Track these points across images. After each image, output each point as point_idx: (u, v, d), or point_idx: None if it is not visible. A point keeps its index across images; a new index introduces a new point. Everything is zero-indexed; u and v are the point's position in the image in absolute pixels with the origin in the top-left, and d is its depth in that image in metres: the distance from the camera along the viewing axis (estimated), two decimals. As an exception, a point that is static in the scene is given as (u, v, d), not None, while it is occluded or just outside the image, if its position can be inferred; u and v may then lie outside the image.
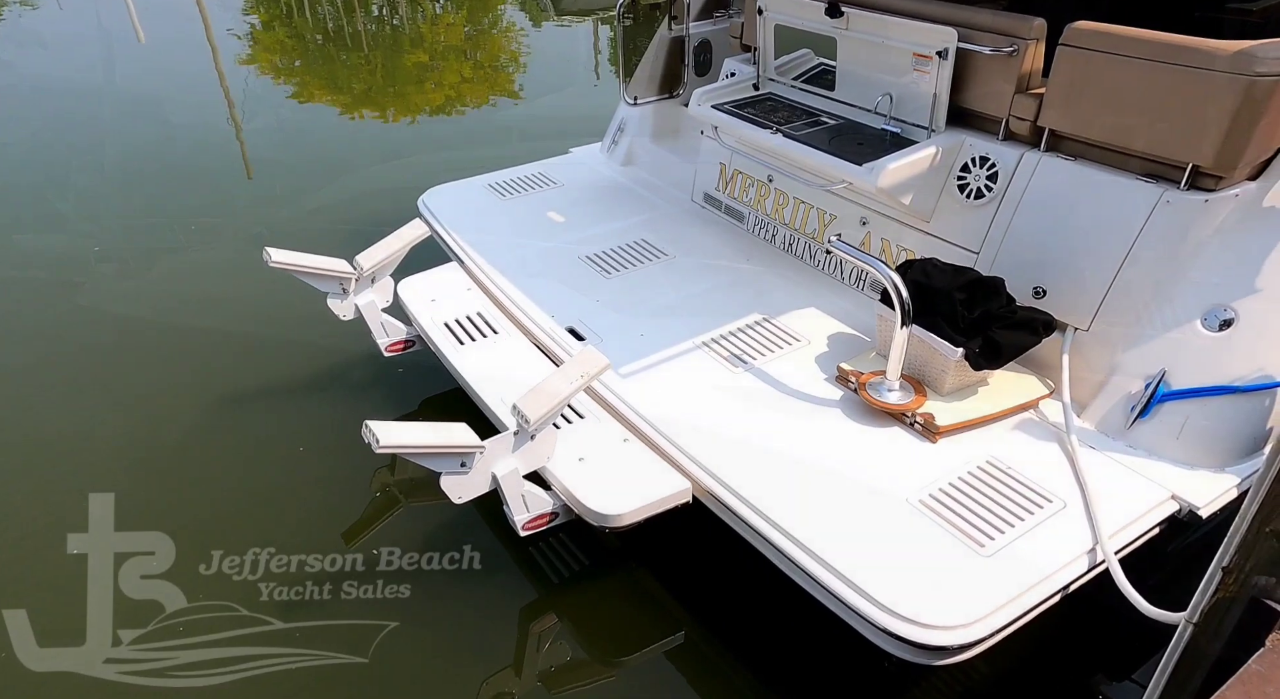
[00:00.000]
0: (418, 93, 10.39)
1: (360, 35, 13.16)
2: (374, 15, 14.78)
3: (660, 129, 4.38)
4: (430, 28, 14.08)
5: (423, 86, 10.76)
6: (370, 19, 14.40)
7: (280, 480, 3.27)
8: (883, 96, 3.12)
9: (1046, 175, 2.73)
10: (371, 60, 11.86)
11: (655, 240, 3.72)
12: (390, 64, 11.69)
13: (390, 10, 14.96)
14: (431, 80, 11.12)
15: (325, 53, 12.00)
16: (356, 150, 7.16)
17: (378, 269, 3.15)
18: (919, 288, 2.61)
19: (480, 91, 10.44)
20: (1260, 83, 2.17)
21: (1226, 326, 2.33)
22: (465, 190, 4.17)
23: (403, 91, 10.52)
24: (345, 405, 3.57)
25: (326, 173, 6.40)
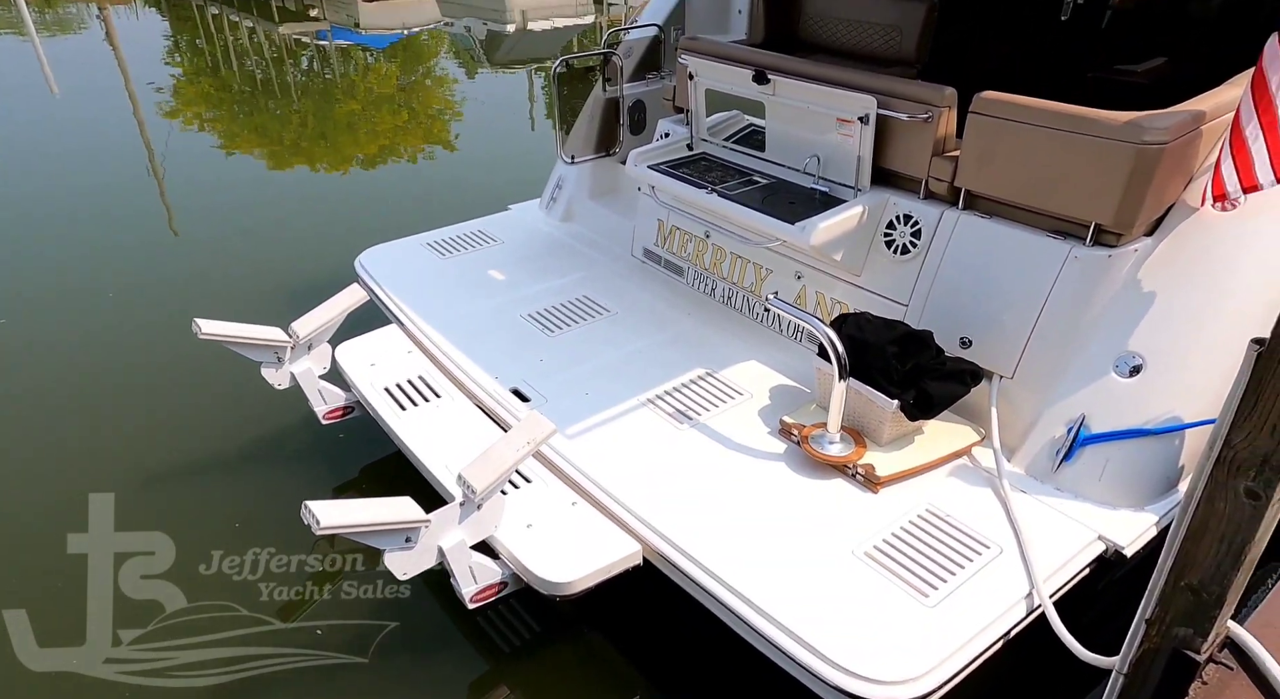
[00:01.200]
0: (350, 142, 10.31)
1: (290, 86, 13.04)
2: (304, 67, 14.68)
3: (598, 186, 4.46)
4: (362, 78, 14.05)
5: (356, 135, 10.69)
6: (300, 70, 14.30)
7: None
8: (811, 158, 3.27)
9: (965, 232, 2.89)
10: (302, 110, 11.73)
11: (597, 297, 3.76)
12: (321, 114, 11.58)
13: (321, 61, 14.89)
14: (364, 129, 11.06)
15: (254, 103, 11.82)
16: (288, 204, 7.02)
17: (314, 336, 3.09)
18: (854, 342, 2.71)
19: (415, 140, 10.43)
20: (1148, 150, 2.37)
21: (1136, 373, 2.49)
22: (403, 250, 4.15)
23: (335, 141, 10.41)
24: (281, 477, 3.45)
25: (257, 229, 6.25)
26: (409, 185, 7.91)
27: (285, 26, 16.90)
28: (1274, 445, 1.17)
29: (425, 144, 10.27)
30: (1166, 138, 2.35)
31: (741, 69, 3.27)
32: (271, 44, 15.60)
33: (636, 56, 4.36)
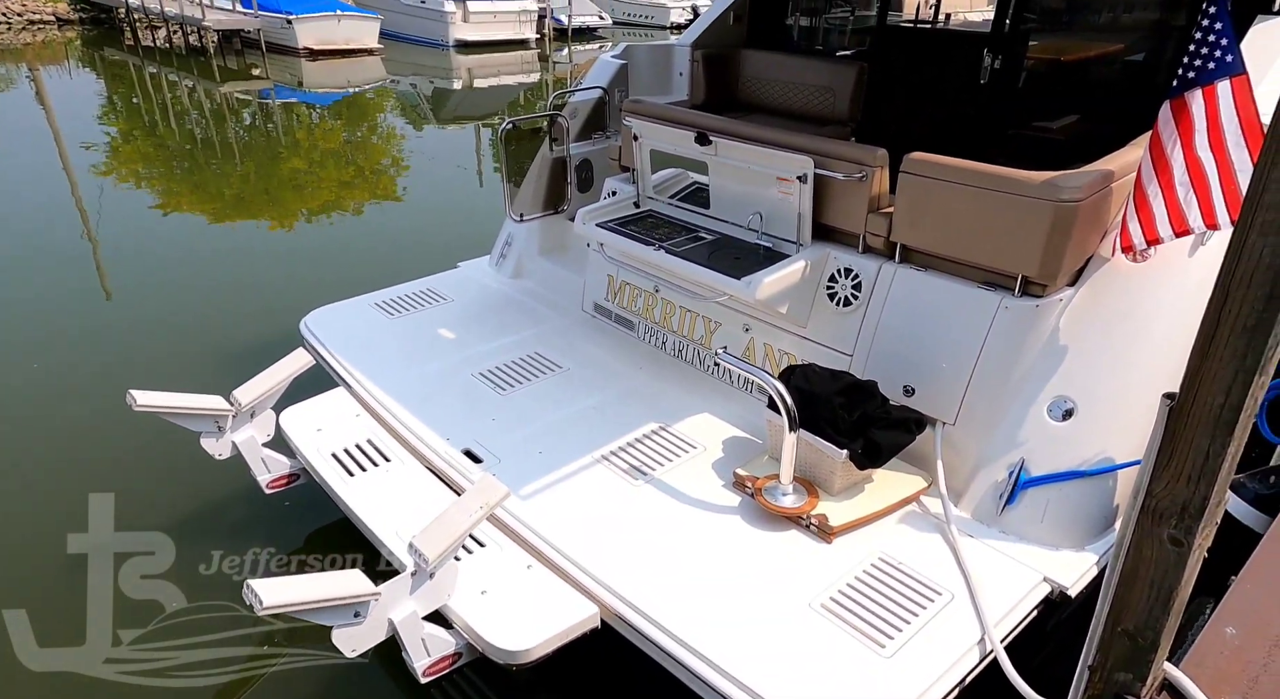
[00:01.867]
0: (295, 198, 10.21)
1: (232, 144, 12.89)
2: (246, 123, 14.56)
3: (547, 243, 4.51)
4: (307, 134, 14.00)
5: (300, 192, 10.59)
6: (242, 127, 14.17)
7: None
8: (754, 214, 3.38)
9: (903, 284, 3.01)
10: (244, 168, 11.60)
11: (548, 353, 3.77)
12: (265, 171, 11.46)
13: (264, 118, 14.80)
14: (309, 185, 10.98)
15: (193, 161, 11.64)
16: (230, 264, 6.88)
17: (258, 403, 3.01)
18: (802, 394, 2.77)
19: (361, 195, 10.38)
20: (1064, 207, 2.53)
21: (1069, 416, 2.61)
22: (350, 311, 4.10)
23: (278, 197, 10.29)
24: (223, 549, 3.31)
25: (196, 291, 6.09)
26: (356, 243, 7.84)
27: (227, 85, 16.79)
28: (1190, 493, 1.24)
29: (372, 199, 10.23)
30: (1080, 195, 2.51)
31: (684, 131, 3.39)
32: (212, 102, 15.47)
33: (582, 117, 4.48)
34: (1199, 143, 2.24)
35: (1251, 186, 1.01)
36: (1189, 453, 1.21)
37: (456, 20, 20.92)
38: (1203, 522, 1.26)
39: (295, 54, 18.62)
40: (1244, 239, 1.05)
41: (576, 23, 24.19)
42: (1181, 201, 2.33)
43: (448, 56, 20.78)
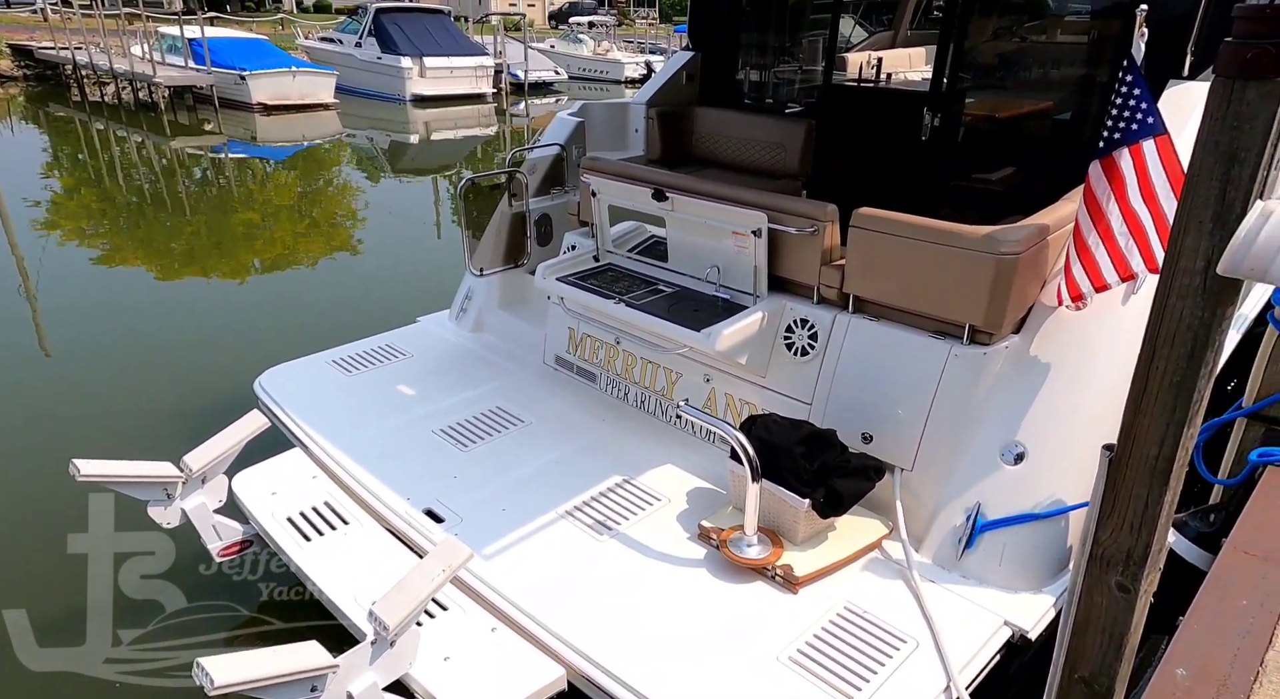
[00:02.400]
0: (247, 251, 10.06)
1: (182, 197, 12.72)
2: (197, 177, 14.40)
3: (508, 296, 4.53)
4: (261, 187, 13.90)
5: (253, 245, 10.45)
6: (193, 180, 14.01)
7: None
8: (711, 267, 3.46)
9: (857, 334, 3.10)
10: (195, 221, 11.43)
11: (510, 407, 3.75)
12: (217, 224, 11.30)
13: (216, 172, 14.66)
14: (262, 238, 10.85)
15: (142, 215, 11.43)
16: (180, 322, 6.72)
17: (209, 468, 2.92)
18: (763, 444, 2.81)
19: (316, 248, 10.29)
20: (1005, 259, 2.66)
21: (1021, 460, 2.69)
22: (306, 369, 4.03)
23: (230, 251, 10.13)
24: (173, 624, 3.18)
25: (143, 349, 5.92)
26: (312, 298, 7.75)
27: (178, 140, 16.65)
28: (1134, 541, 1.30)
29: (328, 252, 10.15)
30: (1020, 248, 2.64)
31: (642, 188, 3.47)
32: (162, 156, 15.29)
33: (541, 173, 4.56)
34: (1132, 196, 2.39)
35: (1168, 253, 1.09)
36: (1130, 502, 1.27)
37: (413, 76, 21.18)
38: (1147, 568, 1.31)
39: (249, 109, 18.59)
40: (1165, 302, 1.12)
41: (533, 77, 24.71)
42: (1123, 249, 2.47)
43: (404, 110, 20.97)
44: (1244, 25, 1.01)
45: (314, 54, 23.17)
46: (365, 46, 21.75)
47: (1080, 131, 3.99)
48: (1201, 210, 1.11)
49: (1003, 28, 4.21)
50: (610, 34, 33.11)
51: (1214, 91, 1.11)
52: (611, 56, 29.24)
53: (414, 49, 21.26)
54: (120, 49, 19.21)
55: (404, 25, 21.70)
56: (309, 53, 23.39)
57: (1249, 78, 1.03)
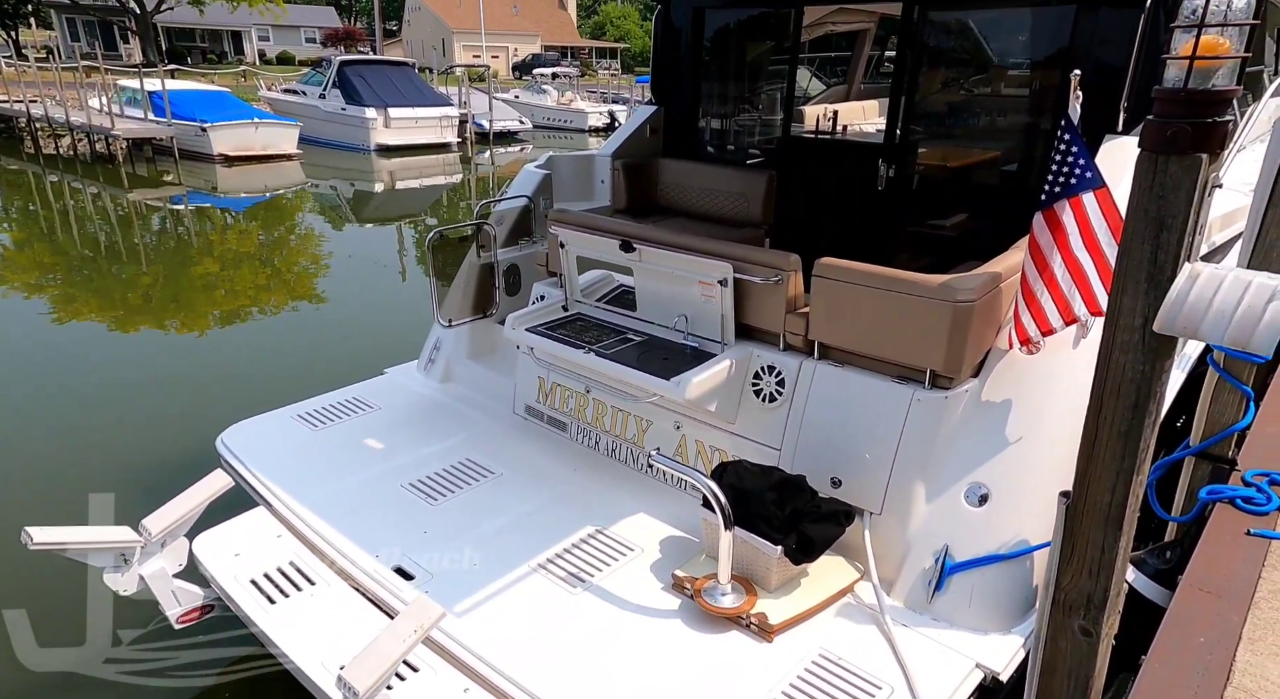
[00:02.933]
0: (206, 302, 9.90)
1: (139, 249, 12.52)
2: (155, 228, 14.21)
3: (476, 346, 4.53)
4: (221, 237, 13.76)
5: (212, 295, 10.30)
6: (150, 232, 13.82)
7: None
8: (679, 316, 3.52)
9: (823, 380, 3.17)
10: (151, 272, 11.24)
11: (481, 459, 3.72)
12: (174, 275, 11.13)
13: (175, 222, 14.50)
14: (222, 288, 10.70)
15: (95, 268, 11.22)
16: (136, 375, 6.56)
17: (170, 532, 2.84)
18: (735, 491, 2.83)
19: (279, 297, 10.17)
20: (961, 306, 2.76)
21: (985, 501, 2.75)
22: (271, 424, 3.96)
23: (188, 302, 9.96)
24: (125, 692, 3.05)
25: (96, 406, 5.75)
26: (276, 350, 7.64)
27: (136, 192, 16.45)
28: (1094, 585, 1.35)
29: (290, 301, 10.03)
30: (974, 296, 2.75)
31: (609, 239, 3.54)
32: (119, 208, 15.08)
33: (508, 224, 4.62)
34: (1074, 245, 2.52)
35: (1109, 312, 1.17)
36: (1087, 547, 1.32)
37: (378, 126, 21.32)
38: (1107, 611, 1.36)
39: (210, 160, 18.48)
40: (1109, 356, 1.20)
41: (498, 127, 25.04)
42: (1066, 295, 2.59)
43: (369, 160, 21.05)
44: (1162, 106, 1.11)
45: (277, 105, 23.23)
46: (330, 98, 21.89)
47: (1026, 177, 4.18)
48: (1136, 272, 1.20)
49: (950, 81, 4.43)
50: (573, 85, 33.85)
51: (1140, 164, 1.20)
52: (575, 106, 29.85)
53: (379, 100, 21.45)
54: (77, 102, 19.05)
55: (368, 77, 21.93)
56: (271, 104, 23.45)
57: (1170, 152, 1.12)
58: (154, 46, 39.33)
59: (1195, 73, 1.14)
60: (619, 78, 48.73)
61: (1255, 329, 1.10)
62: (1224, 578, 1.57)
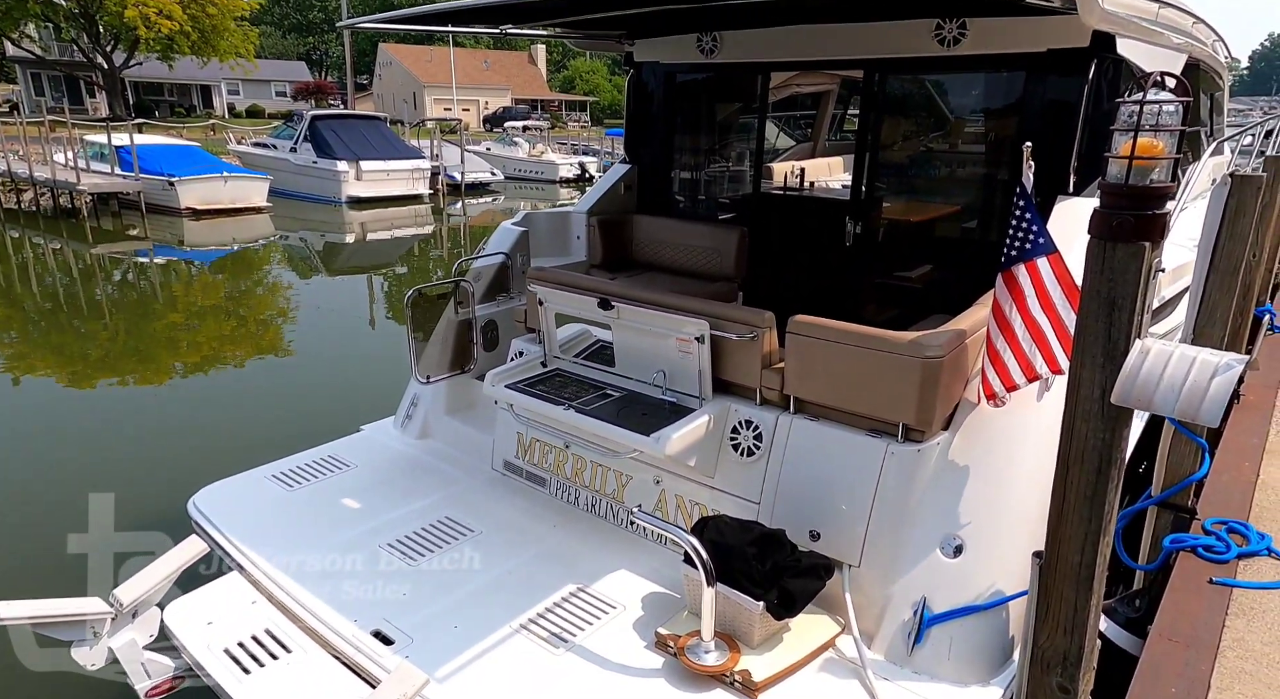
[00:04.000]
0: (169, 354, 9.74)
1: (101, 302, 12.33)
2: (117, 280, 14.02)
3: (454, 402, 4.54)
4: (185, 289, 13.61)
5: (176, 347, 10.14)
6: (113, 285, 13.63)
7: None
8: (658, 372, 3.58)
9: (799, 434, 3.24)
10: (113, 325, 11.05)
11: (460, 516, 3.70)
12: (137, 329, 10.96)
13: (139, 275, 14.33)
14: (186, 341, 10.54)
15: (54, 322, 11.00)
16: (98, 435, 6.39)
17: (141, 601, 2.77)
18: (716, 546, 2.86)
19: (245, 349, 10.05)
20: (930, 362, 2.87)
21: (959, 552, 2.82)
22: (244, 486, 3.90)
23: (151, 354, 9.80)
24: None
25: (58, 471, 5.59)
26: (250, 408, 7.51)
27: (100, 246, 16.25)
28: (1069, 643, 1.40)
29: (261, 355, 9.92)
30: (942, 352, 2.86)
31: (588, 297, 3.62)
32: (82, 262, 14.86)
33: (486, 281, 4.68)
34: (1032, 306, 2.65)
35: (1070, 382, 1.26)
36: (1061, 605, 1.38)
37: (349, 179, 21.46)
38: (1083, 668, 1.42)
39: (177, 214, 18.38)
40: (1072, 424, 1.28)
41: (470, 178, 25.35)
42: (1028, 353, 2.71)
43: (340, 212, 21.11)
44: (1107, 198, 1.22)
45: (246, 159, 23.29)
46: (301, 151, 22.02)
47: (987, 230, 4.37)
48: (1093, 347, 1.30)
49: (910, 141, 4.64)
50: (544, 137, 34.45)
51: (1091, 250, 1.32)
52: (546, 158, 30.36)
53: (350, 153, 21.63)
54: (41, 157, 18.89)
55: (340, 131, 22.15)
56: (241, 157, 23.51)
57: (1117, 240, 1.24)
58: (121, 101, 39.30)
59: (1135, 170, 1.27)
60: (589, 130, 49.77)
61: (1202, 403, 1.19)
62: (1191, 627, 1.63)
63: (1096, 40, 3.38)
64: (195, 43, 37.69)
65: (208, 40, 38.16)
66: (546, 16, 4.84)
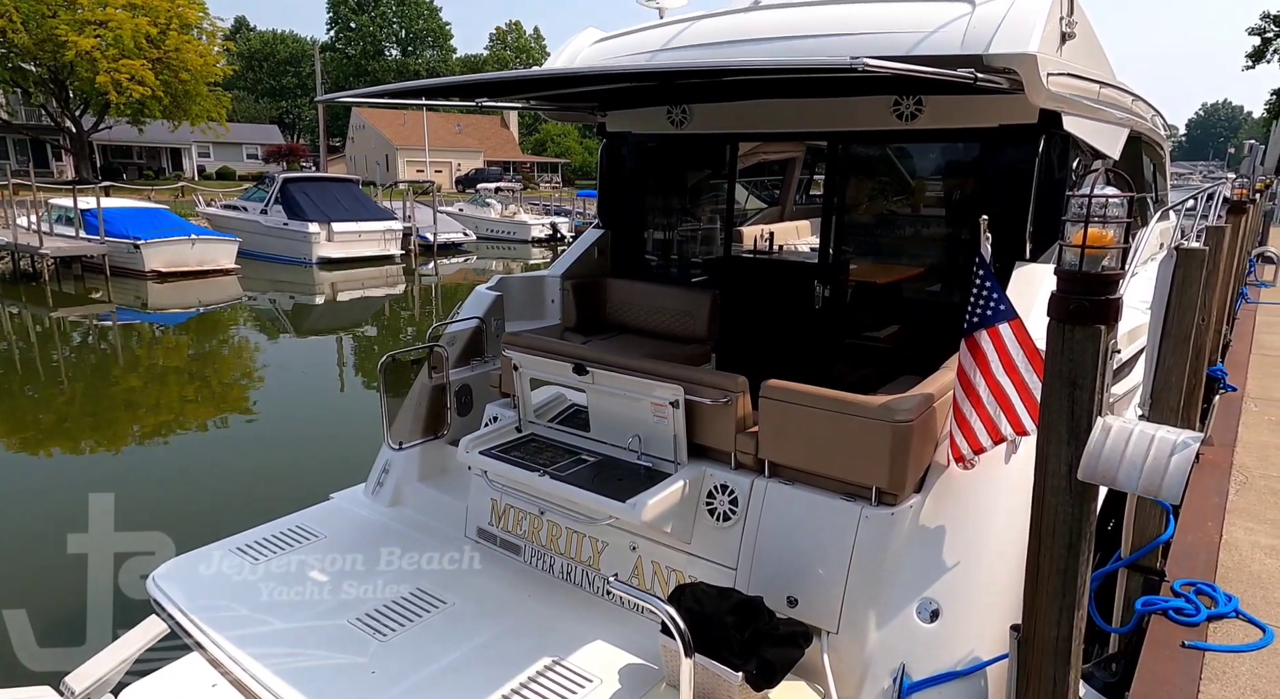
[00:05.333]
0: (127, 420, 9.48)
1: (58, 366, 12.03)
2: (76, 343, 13.72)
3: (427, 468, 4.48)
4: (147, 352, 13.35)
5: (134, 412, 9.88)
6: (71, 349, 13.33)
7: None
8: (633, 437, 3.59)
9: (775, 498, 3.24)
10: (69, 390, 10.76)
11: (431, 588, 3.61)
12: (95, 393, 10.68)
13: (99, 338, 14.04)
14: (146, 404, 10.29)
15: (5, 388, 10.68)
16: (47, 506, 6.12)
17: (96, 688, 2.64)
18: (693, 615, 2.82)
19: (208, 414, 9.82)
20: (900, 426, 2.92)
21: (936, 617, 2.81)
22: (206, 560, 3.76)
23: (109, 419, 9.53)
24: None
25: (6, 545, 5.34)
26: (213, 474, 7.29)
27: (61, 310, 15.95)
28: (1051, 720, 1.41)
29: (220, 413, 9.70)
30: (912, 416, 2.92)
31: (563, 362, 3.64)
32: (40, 326, 14.55)
33: (460, 345, 4.68)
34: (995, 370, 2.73)
35: (1038, 458, 1.30)
36: (1041, 680, 1.39)
37: (320, 240, 21.49)
38: (1066, 743, 1.42)
39: (142, 277, 18.16)
40: (1042, 499, 1.32)
41: (442, 239, 25.52)
42: (993, 416, 2.78)
43: (310, 272, 21.05)
44: (1063, 284, 1.30)
45: (216, 221, 23.26)
46: (272, 213, 22.06)
47: (952, 291, 4.50)
48: (1058, 424, 1.35)
49: (874, 206, 4.81)
50: (517, 197, 34.97)
51: (1051, 332, 1.38)
52: (518, 218, 30.76)
53: (321, 215, 21.72)
54: (3, 220, 18.67)
55: (311, 193, 22.29)
56: (211, 220, 23.47)
57: (1074, 323, 1.31)
58: (88, 164, 39.15)
59: (1087, 258, 1.35)
60: (561, 190, 50.68)
61: (1163, 481, 1.25)
62: (1167, 694, 1.65)
63: (1044, 117, 3.59)
64: (167, 107, 37.93)
65: (180, 105, 38.43)
66: (521, 92, 5.00)
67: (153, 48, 36.30)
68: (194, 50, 38.02)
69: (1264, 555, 3.24)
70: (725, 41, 4.04)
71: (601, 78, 4.21)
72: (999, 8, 3.30)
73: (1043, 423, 1.30)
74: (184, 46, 37.40)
